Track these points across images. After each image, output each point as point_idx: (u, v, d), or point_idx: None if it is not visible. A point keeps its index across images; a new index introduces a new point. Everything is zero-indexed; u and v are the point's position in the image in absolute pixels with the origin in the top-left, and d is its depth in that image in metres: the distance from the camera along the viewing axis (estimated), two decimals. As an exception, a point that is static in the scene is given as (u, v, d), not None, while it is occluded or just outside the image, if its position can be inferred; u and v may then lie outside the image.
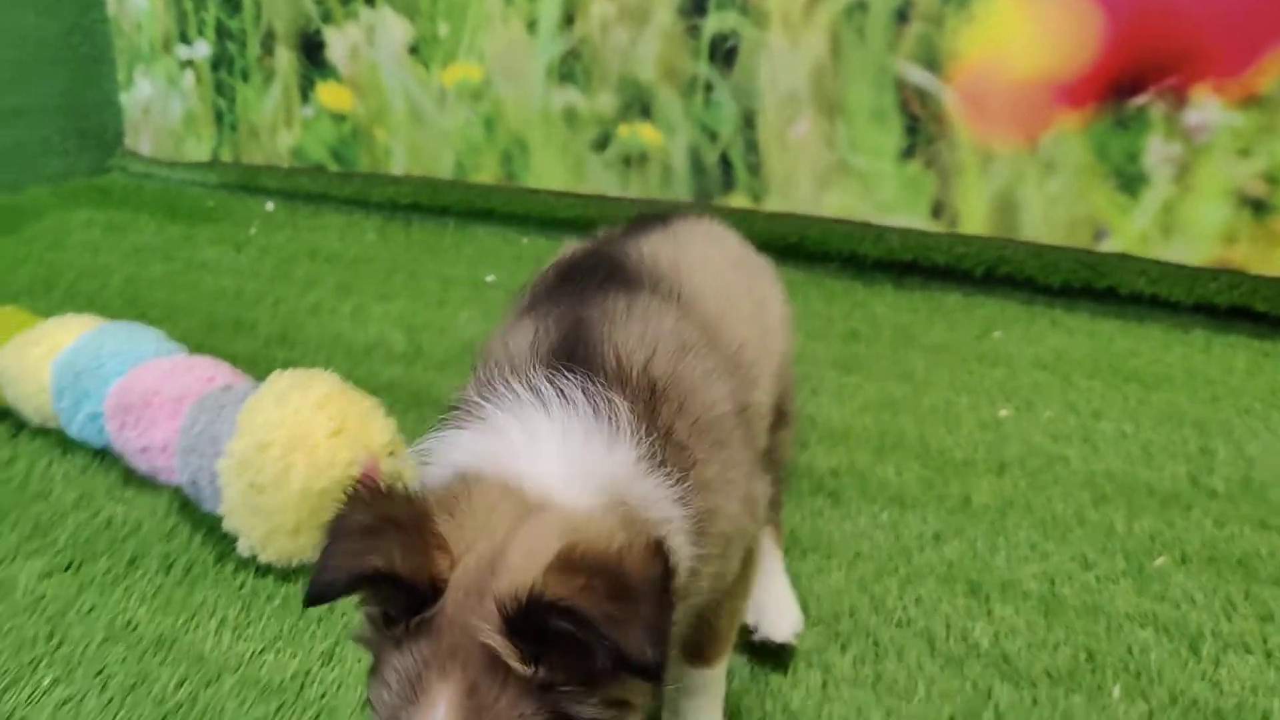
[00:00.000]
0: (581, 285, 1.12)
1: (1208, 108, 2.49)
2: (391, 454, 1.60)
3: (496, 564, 0.80)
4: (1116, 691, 1.31)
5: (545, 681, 0.76)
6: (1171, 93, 2.52)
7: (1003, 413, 2.12)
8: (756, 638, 1.36)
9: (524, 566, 0.78)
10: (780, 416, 1.42)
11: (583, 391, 0.91)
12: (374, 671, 0.82)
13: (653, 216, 1.41)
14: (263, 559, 1.56)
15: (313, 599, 0.81)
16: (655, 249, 1.23)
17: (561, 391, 0.92)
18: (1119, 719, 1.26)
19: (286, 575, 1.56)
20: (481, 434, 0.93)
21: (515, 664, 0.76)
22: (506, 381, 0.94)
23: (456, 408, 1.00)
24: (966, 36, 2.69)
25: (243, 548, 1.58)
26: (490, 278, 2.97)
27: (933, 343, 2.49)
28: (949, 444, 1.98)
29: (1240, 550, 1.62)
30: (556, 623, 0.74)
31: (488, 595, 0.78)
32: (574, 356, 0.97)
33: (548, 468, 0.88)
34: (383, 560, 0.78)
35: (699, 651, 1.14)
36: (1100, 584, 1.54)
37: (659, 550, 0.79)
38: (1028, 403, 2.16)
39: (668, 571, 0.79)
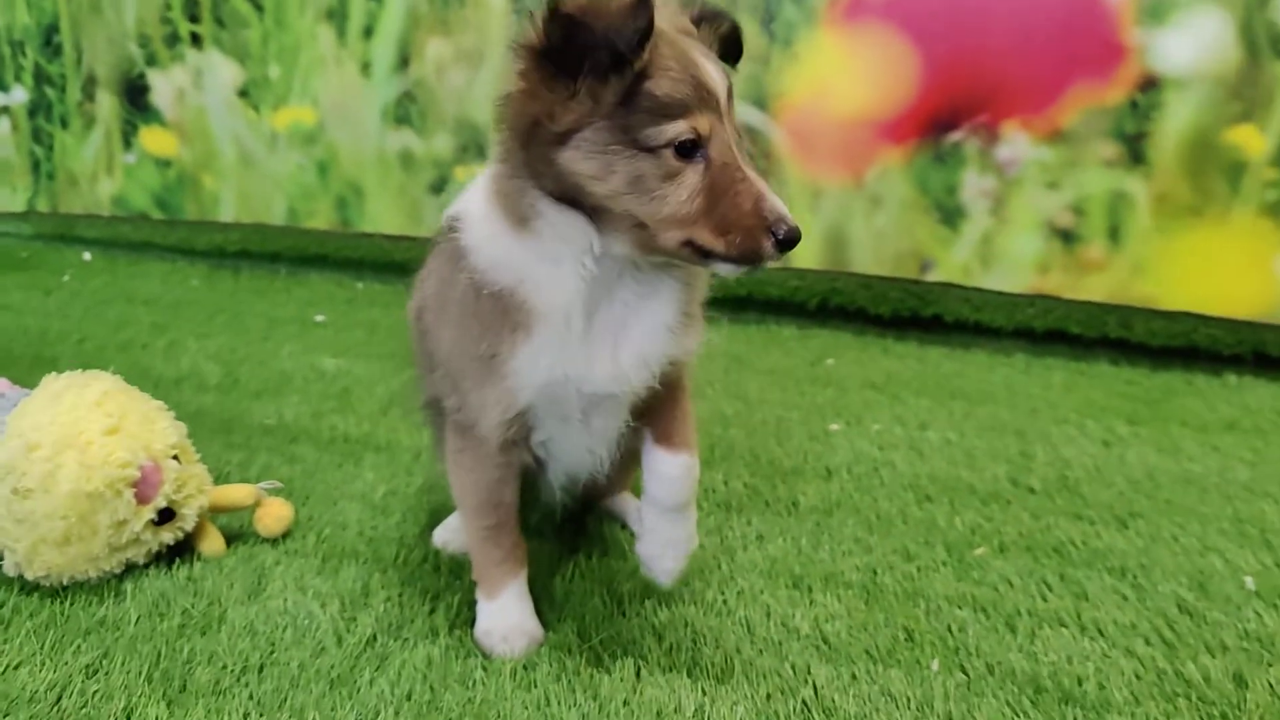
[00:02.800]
0: None
1: (1017, 143, 2.61)
2: (175, 457, 1.47)
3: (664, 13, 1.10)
4: (935, 665, 1.28)
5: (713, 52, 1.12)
6: (984, 129, 2.64)
7: (833, 427, 2.12)
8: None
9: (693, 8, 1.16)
10: None
11: None
12: (640, 79, 1.03)
13: None
14: (30, 576, 1.40)
15: (627, 36, 1.00)
16: None
17: None
18: (937, 689, 1.23)
19: (55, 593, 1.41)
20: None
21: (704, 36, 1.13)
22: None
23: None
24: (792, 76, 2.78)
25: (8, 566, 1.42)
26: (320, 317, 2.86)
27: (767, 368, 2.50)
28: (778, 454, 1.97)
29: (1055, 539, 1.64)
30: (721, 22, 1.16)
31: (671, 13, 1.12)
32: None
33: None
34: None
35: (671, 435, 1.29)
36: (921, 573, 1.53)
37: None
38: (857, 417, 2.18)
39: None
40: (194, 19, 3.41)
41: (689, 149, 1.05)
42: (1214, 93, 2.45)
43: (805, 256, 2.85)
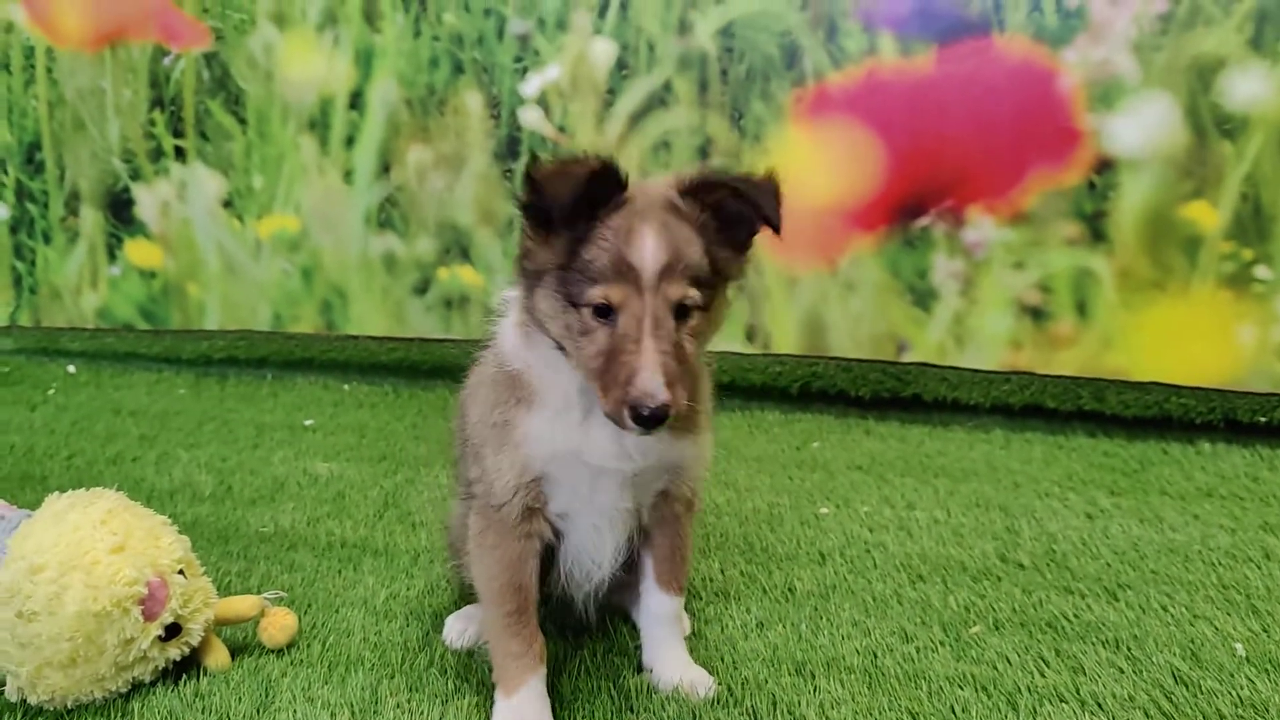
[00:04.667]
0: None
1: (983, 226, 2.71)
2: (181, 572, 1.49)
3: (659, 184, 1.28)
4: (941, 747, 1.31)
5: (703, 224, 1.25)
6: (950, 213, 2.74)
7: (823, 510, 2.16)
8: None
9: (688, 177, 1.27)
10: None
11: None
12: (580, 242, 1.20)
13: None
14: (33, 701, 1.40)
15: (562, 204, 1.17)
16: None
17: None
18: (944, 772, 1.25)
19: (59, 716, 1.41)
20: None
21: (688, 209, 1.24)
22: None
23: None
24: (762, 169, 2.87)
25: (10, 691, 1.42)
26: (309, 421, 2.88)
27: (754, 454, 2.54)
28: (771, 540, 2.00)
29: (1048, 614, 1.67)
30: (719, 191, 1.25)
31: (665, 184, 1.26)
32: None
33: None
34: (595, 164, 1.18)
35: (666, 576, 1.47)
36: (920, 653, 1.55)
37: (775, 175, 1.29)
38: (846, 500, 2.22)
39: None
40: (178, 133, 3.49)
41: (604, 312, 1.20)
42: (1166, 172, 2.56)
43: (784, 342, 2.92)
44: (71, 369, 3.58)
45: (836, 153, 2.81)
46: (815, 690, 1.45)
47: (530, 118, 3.08)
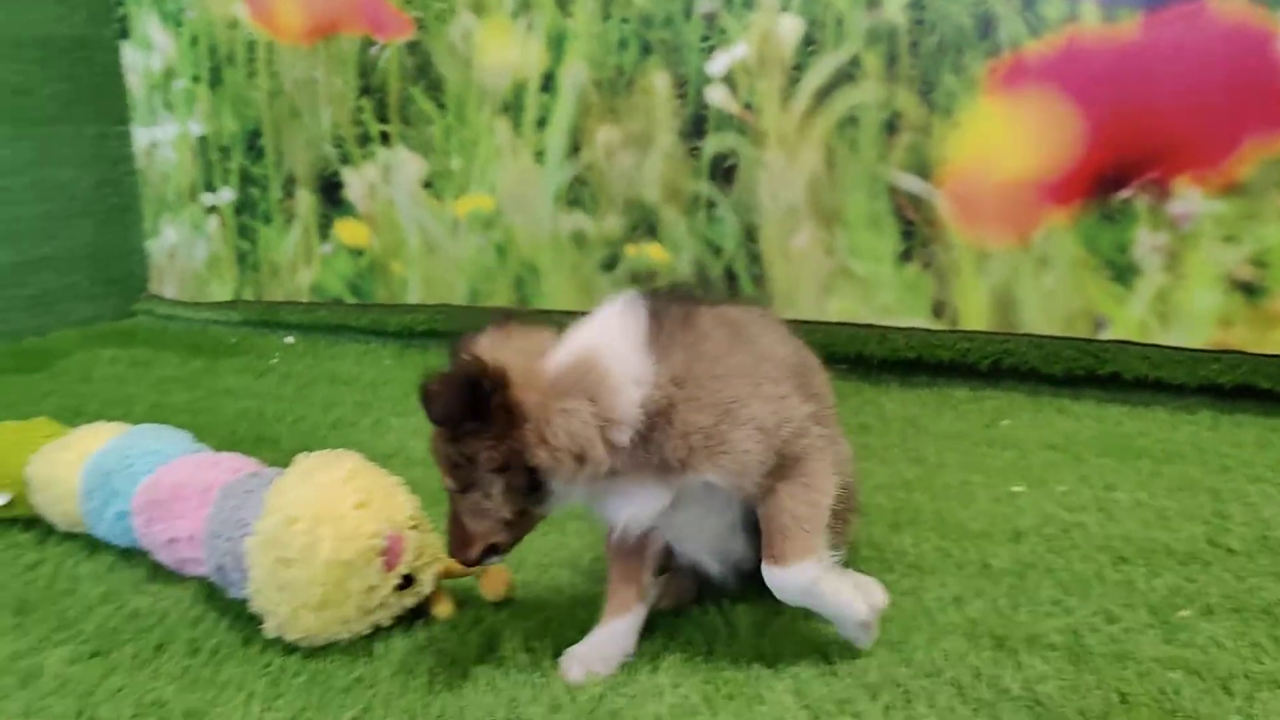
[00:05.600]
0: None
1: (1190, 198, 2.59)
2: (414, 527, 1.63)
3: None
4: (1151, 728, 1.30)
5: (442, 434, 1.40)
6: (1154, 185, 2.63)
7: (1016, 489, 2.14)
8: None
9: None
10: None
11: (642, 311, 1.42)
12: None
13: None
14: (289, 638, 1.57)
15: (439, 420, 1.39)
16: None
17: (632, 308, 1.43)
18: (1155, 752, 1.25)
19: (312, 653, 1.57)
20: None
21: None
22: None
23: None
24: (953, 143, 2.83)
25: (269, 628, 1.58)
26: (505, 392, 3.03)
27: (942, 431, 2.53)
28: (964, 517, 2.00)
29: (1263, 600, 1.62)
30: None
31: None
32: (661, 306, 1.45)
33: (577, 329, 1.44)
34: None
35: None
36: (1126, 634, 1.54)
37: (469, 366, 1.35)
38: (1040, 480, 2.19)
39: (468, 381, 1.33)
40: (383, 119, 3.71)
41: None
42: (1402, 138, 2.39)
43: (973, 318, 2.88)
44: (289, 339, 3.87)
45: (1032, 124, 2.74)
46: (1018, 665, 1.46)
47: (716, 96, 3.13)
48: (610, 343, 1.40)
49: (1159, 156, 2.62)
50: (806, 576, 1.40)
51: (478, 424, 1.35)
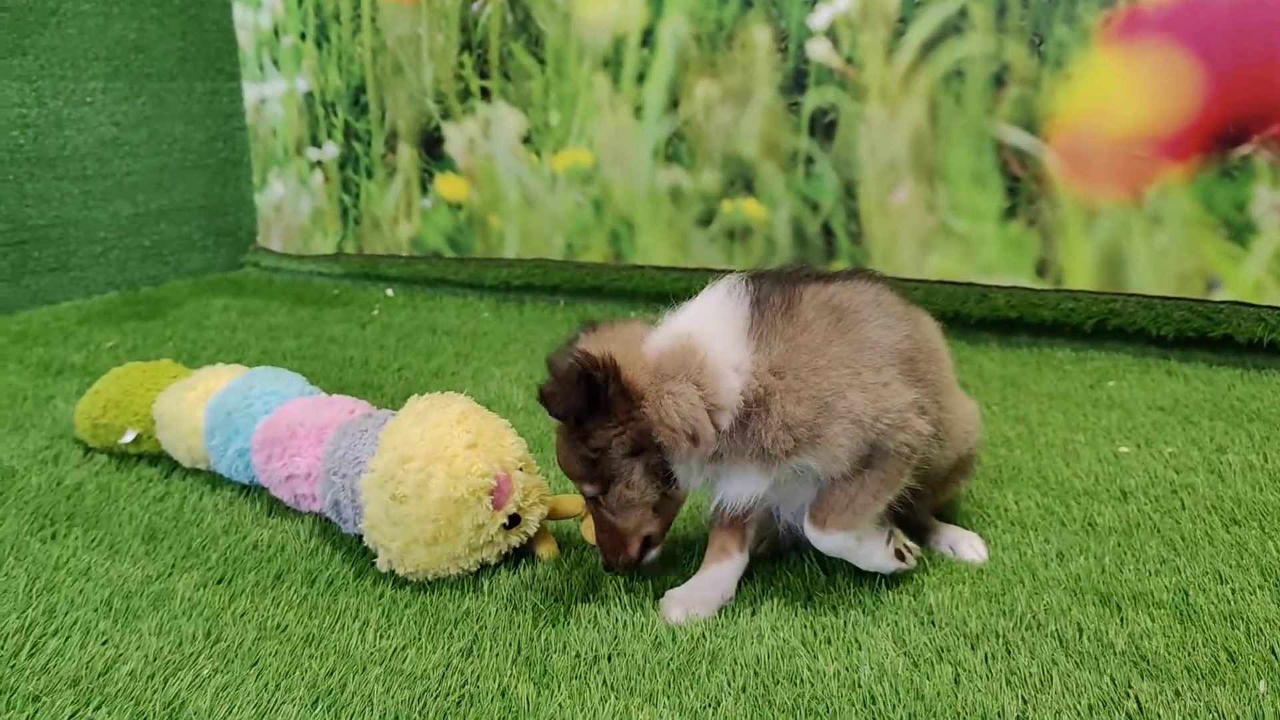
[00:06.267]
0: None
1: (1316, 154, 2.49)
2: (521, 468, 1.67)
3: None
4: (1262, 687, 1.28)
5: (570, 432, 1.43)
6: (1276, 141, 2.53)
7: (1122, 449, 2.10)
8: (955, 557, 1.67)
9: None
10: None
11: (745, 297, 1.45)
12: None
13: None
14: (400, 572, 1.63)
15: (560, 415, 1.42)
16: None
17: (734, 293, 1.46)
18: (1268, 711, 1.23)
19: (422, 587, 1.63)
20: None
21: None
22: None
23: None
24: (1064, 97, 2.76)
25: (381, 563, 1.65)
26: (601, 345, 3.07)
27: (1044, 391, 2.49)
28: (1067, 475, 1.98)
29: (1383, 566, 1.57)
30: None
31: None
32: (766, 289, 1.46)
33: (674, 318, 1.49)
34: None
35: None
36: (1236, 595, 1.51)
37: (580, 361, 1.36)
38: (1147, 440, 2.15)
39: (583, 373, 1.35)
40: (483, 75, 3.75)
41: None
42: None
43: (1079, 277, 2.82)
44: (390, 292, 3.97)
45: (1148, 77, 2.65)
46: (1123, 621, 1.45)
47: (818, 50, 3.09)
48: (710, 330, 1.42)
49: (1282, 110, 2.52)
50: (840, 544, 1.50)
51: (600, 416, 1.38)
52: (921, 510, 1.68)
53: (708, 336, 1.41)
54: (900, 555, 1.54)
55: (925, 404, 1.47)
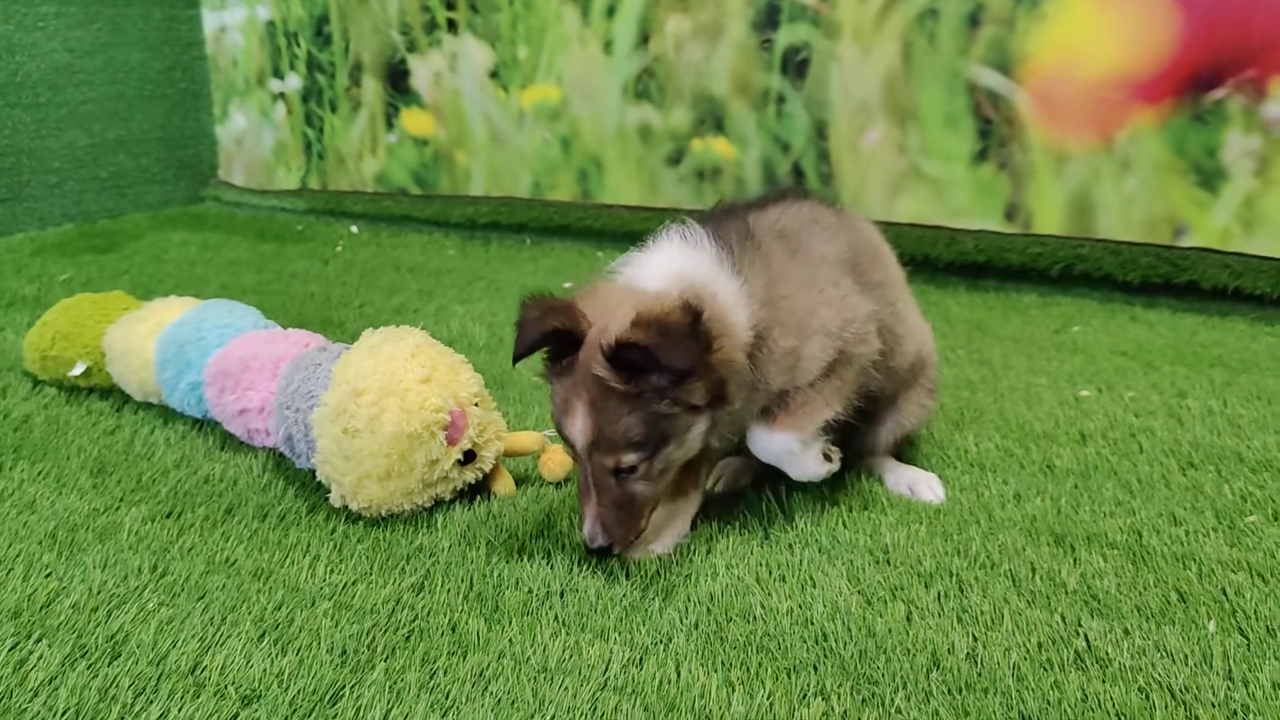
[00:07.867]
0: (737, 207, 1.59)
1: (1288, 99, 2.47)
2: (477, 404, 1.65)
3: (604, 328, 1.32)
4: (1211, 626, 1.29)
5: (635, 392, 1.31)
6: (1250, 85, 2.51)
7: (1083, 393, 2.10)
8: (912, 498, 1.66)
9: (616, 327, 1.29)
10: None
11: (705, 238, 1.43)
12: (550, 396, 1.41)
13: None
14: (353, 507, 1.61)
15: (518, 355, 1.36)
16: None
17: (691, 236, 1.44)
18: (1215, 649, 1.24)
19: (375, 522, 1.61)
20: (635, 257, 1.47)
21: (615, 383, 1.31)
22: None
23: None
24: (1038, 37, 2.72)
25: (334, 498, 1.62)
26: (568, 284, 3.03)
27: (1009, 335, 2.49)
28: (1028, 418, 1.98)
29: (1336, 510, 1.58)
30: (631, 354, 1.27)
31: (596, 346, 1.30)
32: (718, 227, 1.46)
33: (647, 271, 1.41)
34: (556, 321, 1.32)
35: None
36: (1190, 537, 1.52)
37: (688, 307, 1.30)
38: (1109, 384, 2.15)
39: (695, 319, 1.29)
40: (450, 5, 3.66)
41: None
42: None
43: (1047, 222, 2.80)
44: (354, 229, 3.90)
45: (1124, 18, 2.61)
46: (1076, 561, 1.45)
47: (791, -15, 3.03)
48: (701, 270, 1.38)
49: (1258, 54, 2.50)
50: (785, 446, 1.49)
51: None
52: (875, 435, 1.69)
53: (704, 277, 1.38)
54: (827, 457, 1.54)
55: (882, 314, 1.52)
